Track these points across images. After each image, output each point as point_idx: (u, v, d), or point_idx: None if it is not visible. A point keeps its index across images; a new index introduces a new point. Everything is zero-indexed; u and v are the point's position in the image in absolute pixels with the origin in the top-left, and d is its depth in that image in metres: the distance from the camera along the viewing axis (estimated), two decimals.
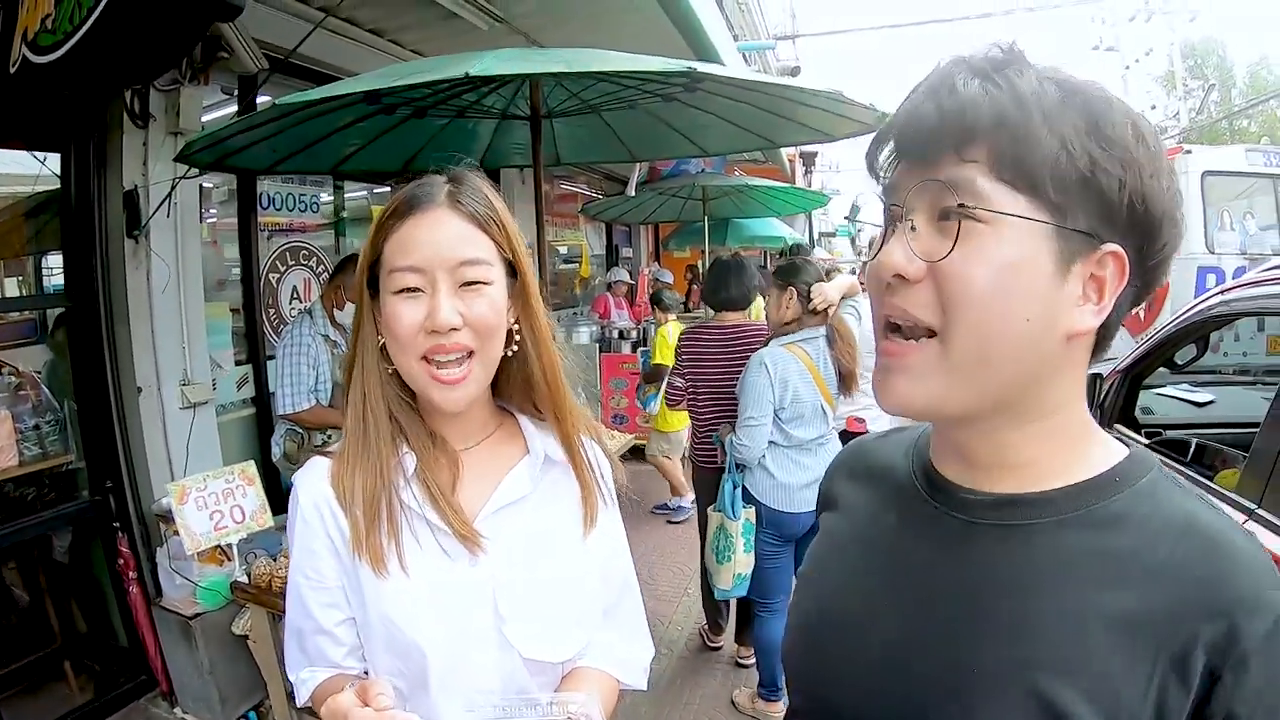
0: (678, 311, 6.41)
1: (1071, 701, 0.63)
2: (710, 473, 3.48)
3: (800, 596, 0.89)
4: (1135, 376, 2.98)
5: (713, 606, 3.92)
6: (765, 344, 3.29)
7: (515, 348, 1.09)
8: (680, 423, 5.81)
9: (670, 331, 5.98)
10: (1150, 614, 0.63)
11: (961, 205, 0.64)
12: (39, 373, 3.41)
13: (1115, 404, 2.99)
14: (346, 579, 1.05)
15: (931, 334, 0.67)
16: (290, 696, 2.19)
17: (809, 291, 3.17)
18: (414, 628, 1.01)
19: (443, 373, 1.01)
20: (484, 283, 1.03)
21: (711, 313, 3.73)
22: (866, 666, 0.75)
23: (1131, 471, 0.71)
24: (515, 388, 1.15)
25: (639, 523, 5.81)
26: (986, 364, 0.66)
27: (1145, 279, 0.69)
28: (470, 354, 1.03)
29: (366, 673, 1.07)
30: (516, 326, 1.09)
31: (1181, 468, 2.43)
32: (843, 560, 0.85)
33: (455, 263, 1.01)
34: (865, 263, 0.71)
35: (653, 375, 5.94)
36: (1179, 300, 8.54)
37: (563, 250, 9.32)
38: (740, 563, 3.23)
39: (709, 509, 3.39)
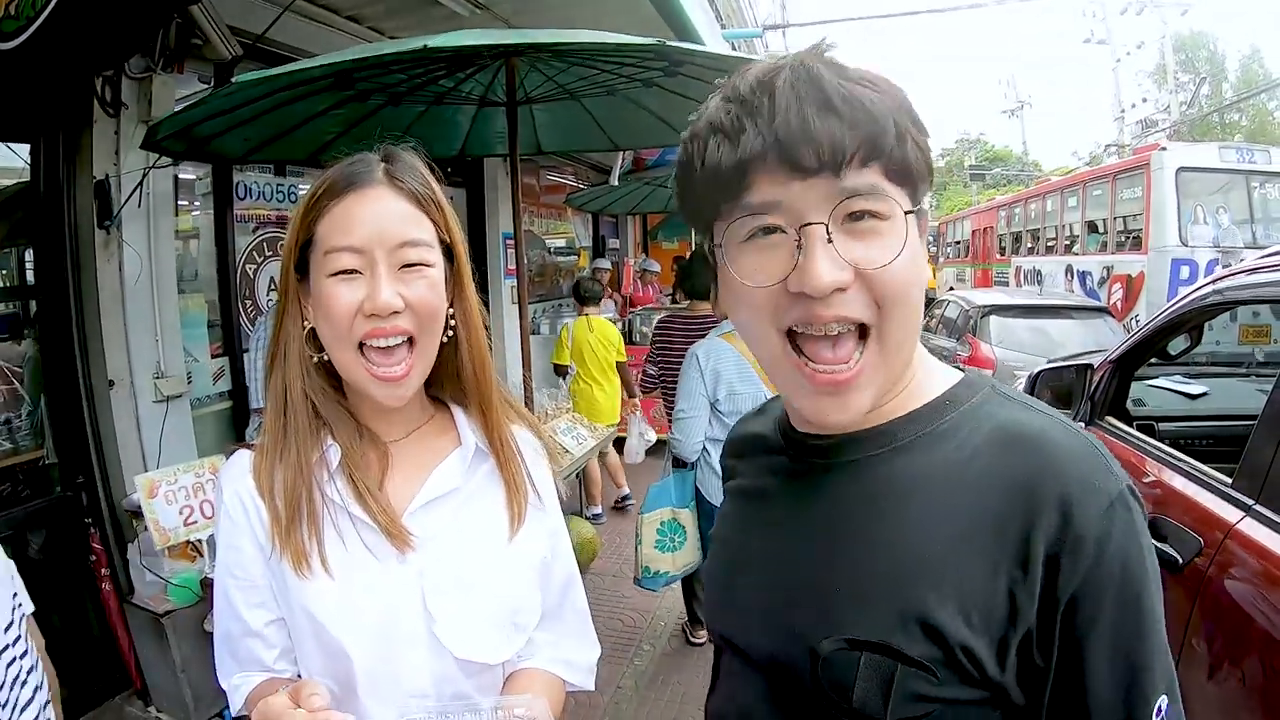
0: (598, 304, 5.86)
1: (934, 605, 0.69)
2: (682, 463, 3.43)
3: (710, 555, 0.99)
4: (1127, 367, 2.91)
5: (695, 602, 3.87)
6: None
7: (450, 334, 1.05)
8: (606, 417, 5.57)
9: (572, 328, 5.67)
10: (986, 518, 0.69)
11: (911, 211, 0.70)
12: (20, 367, 3.34)
13: (1106, 396, 2.91)
14: (272, 577, 1.00)
15: (862, 332, 0.71)
16: None
17: None
18: (338, 628, 0.96)
19: (381, 370, 0.96)
20: (425, 264, 0.98)
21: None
22: (751, 606, 0.84)
23: (961, 394, 0.78)
24: (448, 377, 1.10)
25: (621, 519, 5.78)
26: (905, 346, 0.73)
27: None
28: (410, 340, 0.98)
29: (299, 676, 1.01)
30: (451, 313, 1.04)
31: (1175, 459, 2.35)
32: (732, 521, 0.94)
33: (396, 243, 0.96)
34: (754, 286, 0.66)
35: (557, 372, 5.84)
36: (1154, 291, 8.73)
37: (554, 242, 9.23)
38: (648, 557, 3.21)
39: None
